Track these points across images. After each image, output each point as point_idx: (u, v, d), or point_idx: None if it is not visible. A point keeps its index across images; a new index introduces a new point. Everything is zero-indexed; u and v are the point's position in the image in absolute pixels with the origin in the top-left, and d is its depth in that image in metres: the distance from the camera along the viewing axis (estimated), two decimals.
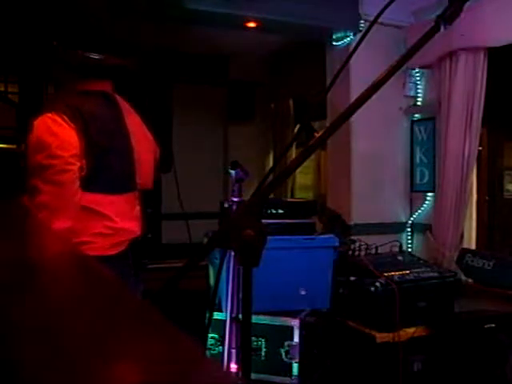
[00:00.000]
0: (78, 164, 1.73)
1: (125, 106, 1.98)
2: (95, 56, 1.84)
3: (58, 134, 1.71)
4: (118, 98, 1.98)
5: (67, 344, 0.38)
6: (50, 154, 1.69)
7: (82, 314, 0.46)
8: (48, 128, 1.71)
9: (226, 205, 2.72)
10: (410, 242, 3.96)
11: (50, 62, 1.91)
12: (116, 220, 1.84)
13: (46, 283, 0.55)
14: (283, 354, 2.81)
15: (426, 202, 3.86)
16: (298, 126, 5.43)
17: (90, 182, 1.76)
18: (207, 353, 2.76)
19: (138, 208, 1.98)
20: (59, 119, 1.72)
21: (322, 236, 3.10)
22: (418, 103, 3.94)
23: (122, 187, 1.90)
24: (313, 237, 3.02)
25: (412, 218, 3.96)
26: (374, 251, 3.32)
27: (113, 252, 1.84)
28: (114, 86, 1.97)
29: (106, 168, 1.81)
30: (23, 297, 0.48)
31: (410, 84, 3.89)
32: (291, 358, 2.79)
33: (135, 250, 1.93)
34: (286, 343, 2.81)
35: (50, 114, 1.73)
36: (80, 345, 0.38)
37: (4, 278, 0.54)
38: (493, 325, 2.89)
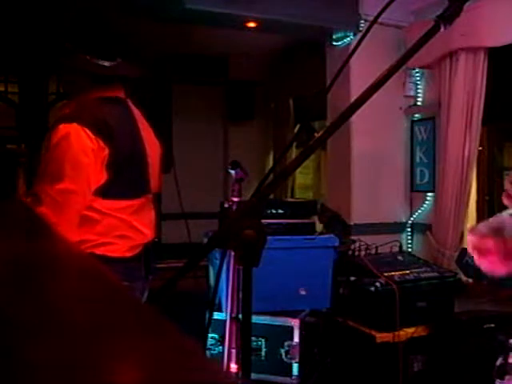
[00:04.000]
0: (86, 187, 1.74)
1: (136, 111, 1.99)
2: (107, 64, 1.84)
3: (76, 148, 1.71)
4: (129, 102, 1.99)
5: (67, 344, 0.38)
6: (61, 168, 1.69)
7: (82, 313, 0.46)
8: (68, 140, 1.70)
9: (226, 205, 2.72)
10: (410, 242, 3.96)
11: (62, 67, 1.91)
12: (135, 224, 1.88)
13: (46, 283, 0.55)
14: (283, 353, 2.81)
15: (426, 202, 3.86)
16: (298, 126, 5.43)
17: (110, 189, 1.79)
18: (207, 353, 2.76)
19: (152, 212, 2.01)
20: (83, 132, 1.71)
21: (322, 236, 3.10)
22: (418, 103, 3.94)
23: (139, 191, 1.92)
24: (313, 237, 3.02)
25: (412, 218, 3.96)
26: (374, 251, 3.32)
27: (130, 254, 1.87)
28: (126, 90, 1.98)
29: (126, 174, 1.83)
30: (23, 296, 0.48)
31: (410, 84, 3.89)
32: (291, 358, 2.79)
33: (146, 253, 1.96)
34: (286, 343, 2.81)
35: (74, 125, 1.71)
36: (80, 345, 0.38)
37: (4, 277, 0.54)
38: (493, 325, 2.89)
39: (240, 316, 1.82)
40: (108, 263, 1.72)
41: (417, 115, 3.96)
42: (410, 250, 3.89)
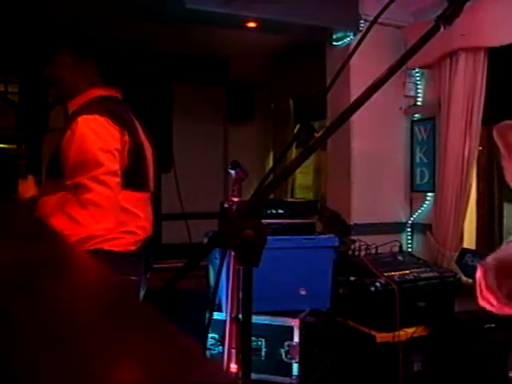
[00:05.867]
0: (119, 166, 1.79)
1: (132, 114, 2.02)
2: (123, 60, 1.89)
3: (103, 135, 1.75)
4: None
5: (68, 344, 0.38)
6: (96, 155, 1.73)
7: (83, 313, 0.46)
8: (93, 129, 1.74)
9: (226, 205, 2.72)
10: (410, 242, 3.96)
11: (70, 63, 1.92)
12: (142, 218, 1.92)
13: (46, 283, 0.55)
14: (283, 353, 2.81)
15: (426, 202, 3.86)
16: (298, 126, 5.43)
17: (125, 180, 1.83)
18: (207, 353, 2.76)
19: (151, 208, 2.06)
20: (104, 121, 1.76)
21: (322, 236, 3.10)
22: (418, 103, 3.94)
23: (146, 185, 1.99)
24: (313, 237, 3.02)
25: (412, 218, 3.96)
26: (374, 251, 3.32)
27: (134, 248, 1.90)
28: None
29: (137, 166, 1.89)
30: (24, 297, 0.48)
31: (410, 84, 3.89)
32: (291, 358, 2.79)
33: (145, 249, 1.98)
34: (286, 343, 2.81)
35: (95, 116, 1.75)
36: (81, 345, 0.38)
37: (5, 278, 0.54)
38: (493, 325, 2.89)
39: (240, 316, 1.82)
40: (116, 258, 1.74)
41: (417, 115, 3.95)
42: (410, 250, 3.89)
